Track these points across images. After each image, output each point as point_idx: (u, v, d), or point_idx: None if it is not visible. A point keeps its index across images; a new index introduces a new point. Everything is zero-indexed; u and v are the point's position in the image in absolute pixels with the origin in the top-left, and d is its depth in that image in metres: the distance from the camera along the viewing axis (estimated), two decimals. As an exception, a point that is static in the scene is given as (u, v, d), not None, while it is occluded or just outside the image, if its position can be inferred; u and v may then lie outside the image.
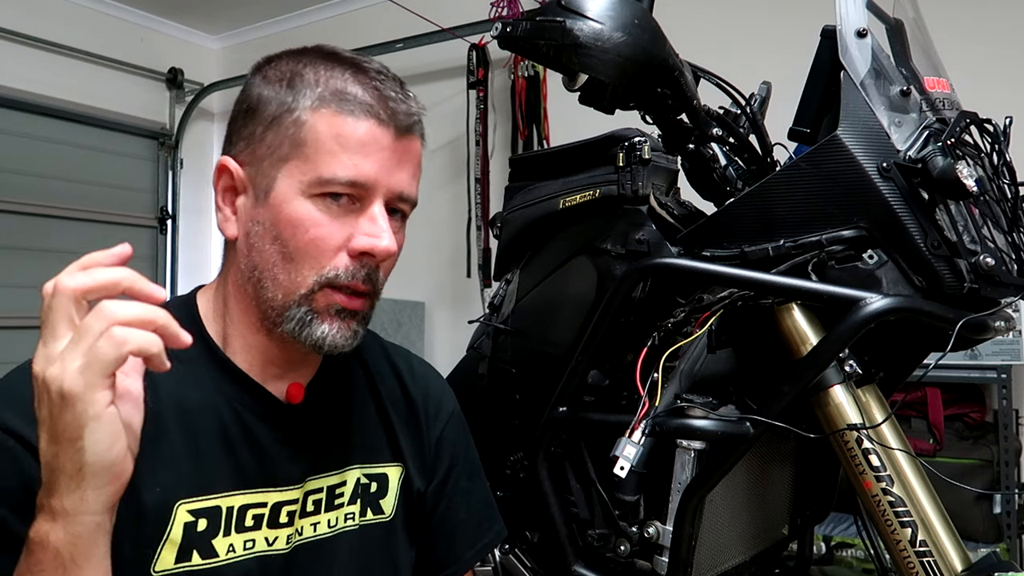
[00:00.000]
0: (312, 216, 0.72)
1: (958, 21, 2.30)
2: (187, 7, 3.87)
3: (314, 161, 0.72)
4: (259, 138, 0.74)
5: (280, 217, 0.72)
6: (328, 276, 0.73)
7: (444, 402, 0.96)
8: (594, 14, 0.97)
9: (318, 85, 0.73)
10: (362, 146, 0.72)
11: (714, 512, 1.13)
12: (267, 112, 0.74)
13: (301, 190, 0.72)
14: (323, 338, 0.73)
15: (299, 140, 0.72)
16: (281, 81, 0.74)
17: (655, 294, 1.13)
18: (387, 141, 0.73)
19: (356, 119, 0.72)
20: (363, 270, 0.74)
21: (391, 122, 0.74)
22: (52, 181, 3.57)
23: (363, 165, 0.72)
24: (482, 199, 3.14)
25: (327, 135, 0.72)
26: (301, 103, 0.73)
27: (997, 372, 2.04)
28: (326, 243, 0.72)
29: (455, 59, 3.29)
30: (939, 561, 0.94)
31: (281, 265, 0.73)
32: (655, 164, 1.18)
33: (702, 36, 2.36)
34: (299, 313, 0.73)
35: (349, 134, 0.72)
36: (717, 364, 1.13)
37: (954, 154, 0.94)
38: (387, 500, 0.87)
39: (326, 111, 0.72)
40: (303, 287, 0.73)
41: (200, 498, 0.73)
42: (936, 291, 0.95)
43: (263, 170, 0.74)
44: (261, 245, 0.74)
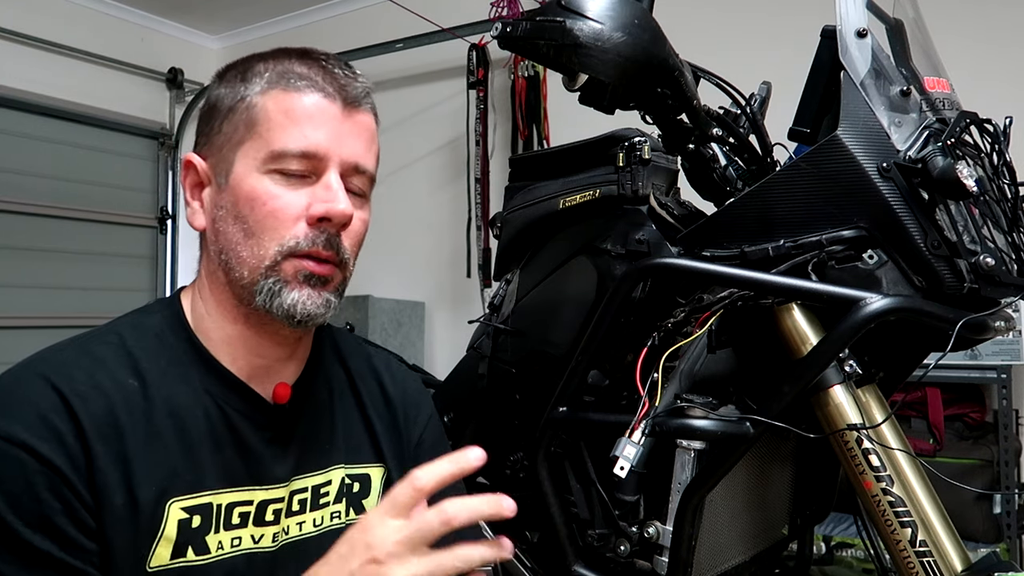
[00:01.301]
0: (268, 190, 0.74)
1: (958, 21, 2.30)
2: (187, 7, 3.87)
3: (266, 138, 0.74)
4: (217, 130, 0.77)
5: (240, 195, 0.75)
6: (289, 245, 0.74)
7: (422, 406, 0.96)
8: (594, 14, 0.97)
9: (267, 72, 0.77)
10: (309, 118, 0.75)
11: (714, 512, 1.13)
12: (223, 106, 0.77)
13: (256, 167, 0.74)
14: (293, 305, 0.74)
15: (251, 121, 0.75)
16: (235, 78, 0.78)
17: (655, 294, 1.13)
18: (335, 111, 0.76)
19: (302, 93, 0.75)
20: (322, 235, 0.75)
21: (338, 95, 0.76)
22: (52, 181, 3.57)
23: (312, 135, 0.74)
24: (482, 199, 3.14)
25: (276, 111, 0.75)
26: (252, 90, 0.76)
27: (997, 372, 2.04)
28: (284, 213, 0.74)
29: (455, 59, 3.29)
30: (939, 561, 0.94)
31: (244, 242, 0.75)
32: (655, 164, 1.18)
33: (702, 36, 2.36)
34: (267, 284, 0.74)
35: (296, 107, 0.75)
36: (717, 364, 1.13)
37: (954, 154, 0.94)
38: (370, 500, 0.87)
39: (274, 91, 0.75)
40: (267, 259, 0.74)
41: (192, 495, 0.73)
42: (936, 291, 0.95)
43: (223, 157, 0.77)
44: (225, 227, 0.76)
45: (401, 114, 3.51)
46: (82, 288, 3.66)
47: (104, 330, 0.78)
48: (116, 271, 3.80)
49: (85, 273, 3.68)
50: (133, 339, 0.76)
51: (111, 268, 3.78)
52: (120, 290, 3.79)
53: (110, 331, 0.77)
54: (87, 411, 0.69)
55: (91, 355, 0.73)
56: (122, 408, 0.71)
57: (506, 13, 3.04)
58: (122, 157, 3.89)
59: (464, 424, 1.46)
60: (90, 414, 0.69)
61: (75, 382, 0.70)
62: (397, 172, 3.49)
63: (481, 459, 0.62)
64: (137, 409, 0.72)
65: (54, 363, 0.72)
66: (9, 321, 3.37)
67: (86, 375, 0.71)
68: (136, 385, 0.73)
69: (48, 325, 3.46)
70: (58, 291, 3.56)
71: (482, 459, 0.62)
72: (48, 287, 3.53)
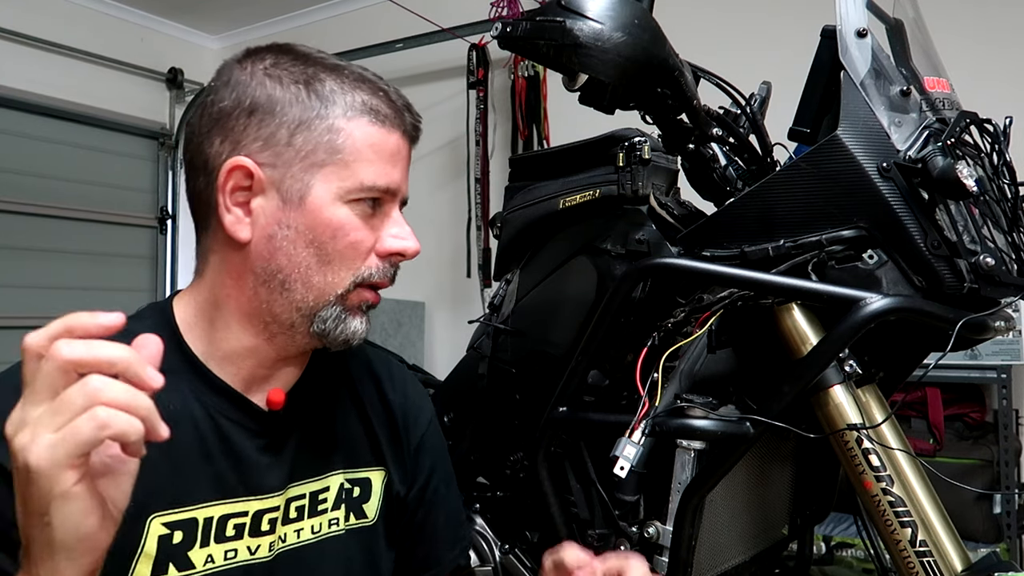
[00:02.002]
0: (351, 220, 0.76)
1: (958, 21, 2.30)
2: (187, 7, 3.87)
3: (353, 168, 0.75)
4: (284, 141, 0.74)
5: (319, 221, 0.74)
6: (363, 276, 0.77)
7: (423, 409, 0.96)
8: (594, 14, 0.97)
9: (345, 95, 0.76)
10: (392, 156, 0.78)
11: (714, 512, 1.13)
12: (290, 115, 0.74)
13: (339, 196, 0.75)
14: (354, 333, 0.78)
15: (336, 147, 0.74)
16: (297, 84, 0.75)
17: (655, 294, 1.13)
18: (406, 151, 0.81)
19: (388, 131, 0.77)
20: (392, 269, 0.80)
21: (409, 135, 0.81)
22: (52, 181, 3.57)
23: (393, 173, 0.78)
24: (482, 199, 3.14)
25: (364, 143, 0.75)
26: (332, 111, 0.75)
27: (997, 372, 2.04)
28: (362, 245, 0.77)
29: (455, 59, 3.29)
30: (939, 561, 0.94)
31: (316, 268, 0.75)
32: (655, 164, 1.18)
33: (702, 36, 2.36)
34: (335, 312, 0.76)
35: (383, 143, 0.77)
36: (717, 364, 1.13)
37: (954, 154, 0.94)
38: (370, 504, 0.87)
39: (361, 121, 0.76)
40: (340, 287, 0.76)
41: (175, 511, 0.72)
42: (936, 291, 0.95)
43: (293, 174, 0.74)
44: (291, 249, 0.75)
45: (401, 114, 3.51)
46: (82, 288, 3.65)
47: None
48: (116, 271, 3.80)
49: (85, 273, 3.68)
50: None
51: (111, 268, 3.78)
52: (120, 290, 3.79)
53: None
54: None
55: None
56: None
57: (506, 13, 3.05)
58: (122, 157, 3.89)
59: (464, 424, 1.46)
60: None
61: None
62: (397, 172, 3.49)
63: (116, 322, 0.55)
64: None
65: None
66: (9, 321, 3.37)
67: None
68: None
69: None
70: (58, 291, 3.56)
71: (117, 322, 0.55)
72: (48, 287, 3.53)
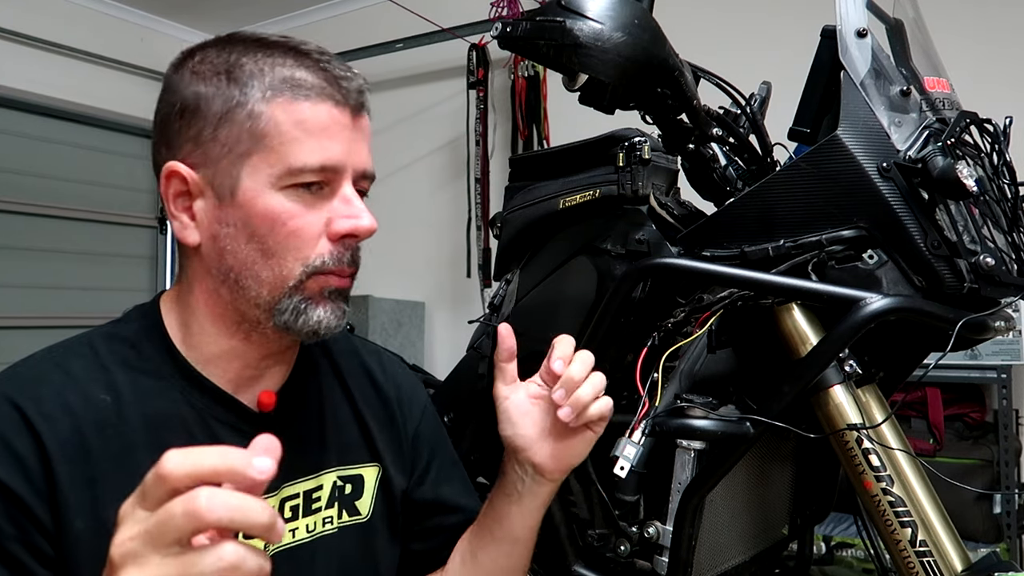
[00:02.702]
0: (287, 208, 0.71)
1: (958, 21, 2.30)
2: (187, 7, 3.87)
3: (280, 152, 0.70)
4: (209, 138, 0.71)
5: (253, 214, 0.71)
6: (315, 264, 0.72)
7: (415, 399, 0.95)
8: (594, 14, 0.97)
9: (264, 75, 0.71)
10: (324, 129, 0.71)
11: (714, 512, 1.13)
12: (212, 109, 0.71)
13: (271, 183, 0.71)
14: (319, 322, 0.73)
15: (259, 133, 0.70)
16: (218, 75, 0.72)
17: (655, 294, 1.13)
18: (346, 120, 0.73)
19: (313, 103, 0.71)
20: (347, 252, 0.74)
21: (346, 101, 0.73)
22: (52, 181, 3.57)
23: (330, 148, 0.71)
24: (482, 199, 3.14)
25: (288, 123, 0.70)
26: (251, 95, 0.70)
27: (997, 372, 2.04)
28: (306, 232, 0.72)
29: (455, 59, 3.29)
30: (939, 561, 0.94)
31: (263, 262, 0.72)
32: (655, 164, 1.18)
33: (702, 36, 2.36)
34: (292, 303, 0.72)
35: (310, 118, 0.71)
36: (717, 364, 1.13)
37: (954, 154, 0.94)
38: (363, 501, 0.86)
39: (281, 99, 0.71)
40: (291, 279, 0.72)
41: None
42: (936, 291, 0.95)
43: (222, 169, 0.71)
44: (235, 246, 0.72)
45: (401, 114, 3.51)
46: (81, 288, 3.65)
47: (78, 341, 0.75)
48: (116, 271, 3.80)
49: (84, 273, 3.68)
50: (107, 350, 0.74)
51: (111, 268, 3.78)
52: (120, 290, 3.79)
53: (84, 342, 0.75)
54: (53, 433, 0.67)
55: (62, 370, 0.71)
56: (92, 427, 0.69)
57: (506, 13, 3.05)
58: (122, 157, 3.89)
59: (464, 424, 1.46)
60: (56, 436, 0.67)
61: (42, 402, 0.68)
62: (397, 172, 3.49)
63: (266, 472, 0.47)
64: (109, 427, 0.70)
65: (22, 381, 0.70)
66: (9, 321, 3.37)
67: (55, 393, 0.69)
68: (109, 400, 0.71)
69: (48, 325, 3.46)
70: (58, 291, 3.56)
71: (266, 472, 0.47)
72: (48, 287, 3.54)
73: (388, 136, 3.51)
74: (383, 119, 3.54)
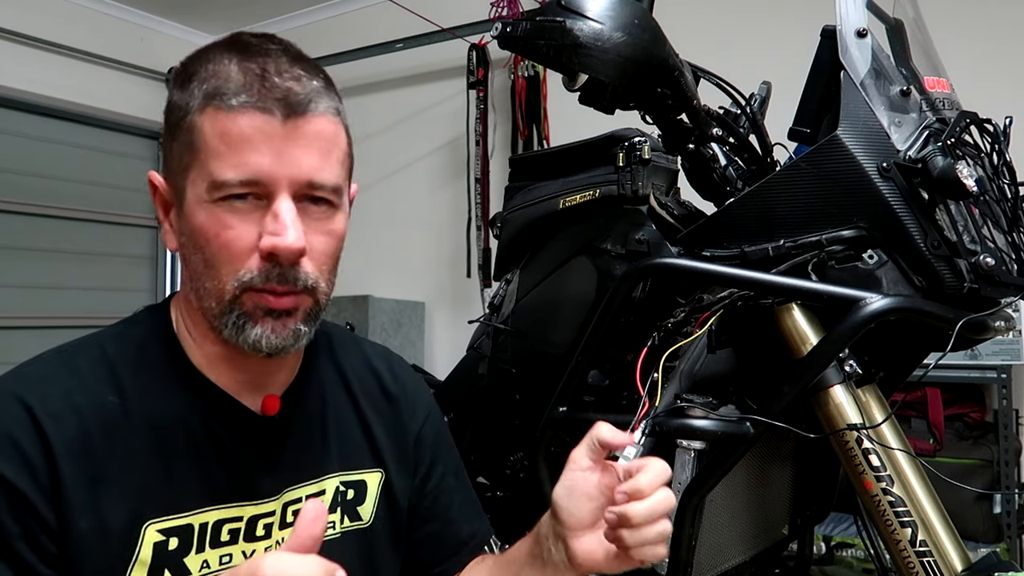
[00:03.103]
0: (217, 221, 0.68)
1: (958, 21, 2.30)
2: (187, 7, 3.87)
3: (207, 166, 0.67)
4: (169, 149, 0.71)
5: (194, 226, 0.69)
6: (244, 280, 0.68)
7: (421, 400, 0.95)
8: (594, 14, 0.97)
9: (204, 82, 0.68)
10: (246, 141, 0.66)
11: (714, 512, 1.13)
12: (171, 120, 0.71)
13: (204, 196, 0.68)
14: (258, 340, 0.70)
15: (193, 146, 0.68)
16: (182, 84, 0.70)
17: (655, 294, 1.13)
18: (274, 128, 0.67)
19: (235, 113, 0.66)
20: (275, 270, 0.68)
21: (276, 108, 0.67)
22: (52, 181, 3.57)
23: (253, 161, 0.66)
24: (482, 199, 3.14)
25: (211, 135, 0.67)
26: (192, 104, 0.68)
27: (997, 372, 2.04)
28: (235, 245, 0.68)
29: (455, 59, 3.29)
30: (939, 561, 0.94)
31: (206, 273, 0.70)
32: (655, 164, 1.18)
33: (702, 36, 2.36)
34: (232, 318, 0.70)
35: (231, 129, 0.66)
36: (717, 364, 1.13)
37: (954, 154, 0.94)
38: (365, 507, 0.85)
39: (209, 109, 0.67)
40: (227, 293, 0.69)
41: (170, 517, 0.71)
42: (936, 291, 0.95)
43: (176, 182, 0.71)
44: (189, 255, 0.72)
45: (401, 114, 3.51)
46: (82, 288, 3.65)
47: (88, 342, 0.75)
48: (115, 271, 3.80)
49: (84, 273, 3.68)
50: (115, 352, 0.74)
51: (111, 268, 3.78)
52: (119, 290, 3.79)
53: (93, 342, 0.75)
54: (59, 432, 0.67)
55: (70, 369, 0.71)
56: (97, 428, 0.69)
57: (506, 13, 3.04)
58: (122, 157, 3.88)
59: (464, 424, 1.46)
60: (62, 435, 0.67)
61: (48, 401, 0.68)
62: (397, 172, 3.49)
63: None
64: (115, 427, 0.70)
65: (30, 380, 0.70)
66: (9, 321, 3.37)
67: (62, 392, 0.69)
68: (115, 401, 0.71)
69: (48, 325, 3.46)
70: (58, 291, 3.56)
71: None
72: (48, 287, 3.53)
73: (388, 136, 3.51)
74: (383, 119, 3.54)
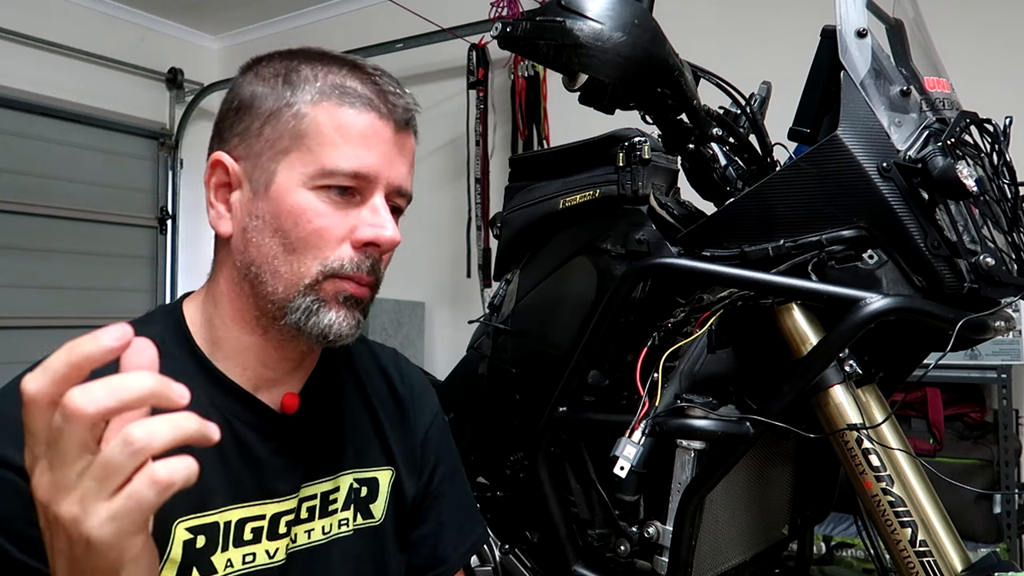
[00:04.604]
0: (315, 206, 0.72)
1: (958, 21, 2.30)
2: (187, 7, 3.87)
3: (316, 152, 0.72)
4: (255, 133, 0.74)
5: (282, 209, 0.72)
6: (333, 267, 0.73)
7: (429, 403, 0.96)
8: (594, 14, 0.97)
9: (317, 80, 0.74)
10: (363, 138, 0.73)
11: (714, 512, 1.13)
12: (263, 107, 0.74)
13: (303, 182, 0.72)
14: (329, 326, 0.73)
15: (300, 132, 0.72)
16: (276, 78, 0.75)
17: (655, 294, 1.13)
18: (387, 134, 0.75)
19: (357, 111, 0.73)
20: (368, 261, 0.74)
21: (391, 116, 0.75)
22: (52, 181, 3.57)
23: (365, 156, 0.73)
24: (482, 199, 3.14)
25: (328, 127, 0.72)
26: (300, 97, 0.73)
27: (997, 372, 2.04)
28: (330, 233, 0.73)
29: (455, 59, 3.29)
30: (939, 561, 0.94)
31: (283, 257, 0.73)
32: (655, 164, 1.18)
33: (702, 36, 2.36)
34: (305, 302, 0.73)
35: (351, 125, 0.73)
36: (717, 364, 1.13)
37: (954, 154, 0.94)
38: (377, 504, 0.86)
39: (327, 104, 0.73)
40: (307, 277, 0.73)
41: (198, 515, 0.72)
42: (936, 291, 0.95)
43: (261, 164, 0.74)
44: (260, 239, 0.73)
45: (401, 114, 3.51)
46: (82, 288, 3.66)
47: None
48: (116, 271, 3.80)
49: (85, 273, 3.68)
50: None
51: (111, 268, 3.78)
52: (120, 290, 3.79)
53: None
54: None
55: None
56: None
57: (506, 13, 3.05)
58: (122, 157, 3.89)
59: (464, 424, 1.46)
60: None
61: None
62: (397, 172, 3.49)
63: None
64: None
65: None
66: (9, 321, 3.37)
67: None
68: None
69: (48, 325, 3.46)
70: (58, 291, 3.57)
71: (124, 338, 0.48)
72: (48, 287, 3.54)
73: (388, 136, 3.50)
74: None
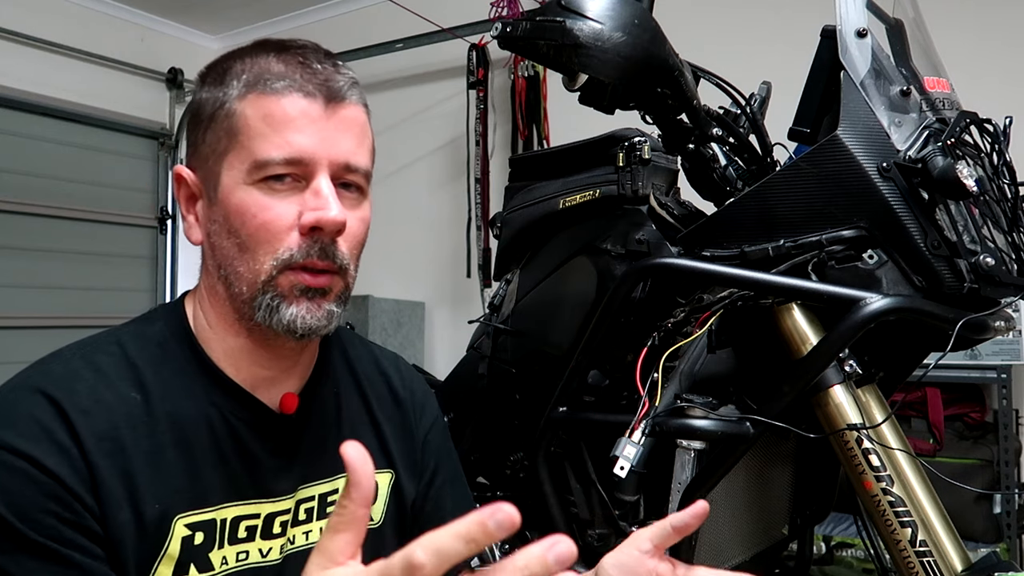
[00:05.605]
0: (258, 201, 0.71)
1: (958, 21, 2.30)
2: (187, 7, 3.87)
3: (248, 147, 0.71)
4: (201, 140, 0.75)
5: (230, 209, 0.72)
6: (283, 258, 0.72)
7: (428, 405, 0.96)
8: (594, 14, 0.97)
9: (244, 73, 0.73)
10: (290, 121, 0.71)
11: (714, 512, 1.12)
12: (204, 113, 0.75)
13: (242, 179, 0.72)
14: (293, 320, 0.72)
15: (233, 130, 0.72)
16: (216, 81, 0.75)
17: (655, 294, 1.13)
18: (317, 111, 0.72)
19: (280, 95, 0.71)
20: (316, 246, 0.72)
21: (319, 92, 0.72)
22: (52, 181, 3.57)
23: (297, 140, 0.71)
24: (482, 199, 3.14)
25: (256, 118, 0.71)
26: (229, 94, 0.73)
27: (997, 372, 2.04)
28: (275, 225, 0.71)
29: (455, 59, 3.29)
30: (939, 561, 0.94)
31: (239, 257, 0.73)
32: (655, 164, 1.18)
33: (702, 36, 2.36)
34: (265, 300, 0.72)
35: (276, 111, 0.71)
36: (717, 364, 1.13)
37: (954, 154, 0.94)
38: (375, 507, 0.86)
39: (252, 95, 0.72)
40: (263, 274, 0.72)
41: (197, 511, 0.72)
42: (936, 291, 0.95)
43: (209, 169, 0.74)
44: (220, 242, 0.74)
45: (401, 114, 3.51)
46: (82, 288, 3.65)
47: (105, 338, 0.76)
48: (116, 271, 3.80)
49: (85, 273, 3.68)
50: (135, 349, 0.74)
51: (111, 268, 3.78)
52: (120, 290, 3.79)
53: (111, 340, 0.75)
54: (89, 427, 0.67)
55: (93, 366, 0.72)
56: (124, 423, 0.69)
57: (506, 13, 3.04)
58: (122, 157, 3.89)
59: (464, 424, 1.46)
60: (92, 430, 0.67)
61: (77, 396, 0.69)
62: (397, 172, 3.49)
63: (510, 525, 0.42)
64: (140, 423, 0.70)
65: (55, 376, 0.70)
66: (9, 321, 3.37)
67: (88, 388, 0.70)
68: (139, 398, 0.71)
69: (48, 325, 3.45)
70: (58, 291, 3.56)
71: (511, 525, 0.42)
72: (48, 287, 3.53)
73: (388, 136, 3.50)
74: (383, 119, 3.54)
